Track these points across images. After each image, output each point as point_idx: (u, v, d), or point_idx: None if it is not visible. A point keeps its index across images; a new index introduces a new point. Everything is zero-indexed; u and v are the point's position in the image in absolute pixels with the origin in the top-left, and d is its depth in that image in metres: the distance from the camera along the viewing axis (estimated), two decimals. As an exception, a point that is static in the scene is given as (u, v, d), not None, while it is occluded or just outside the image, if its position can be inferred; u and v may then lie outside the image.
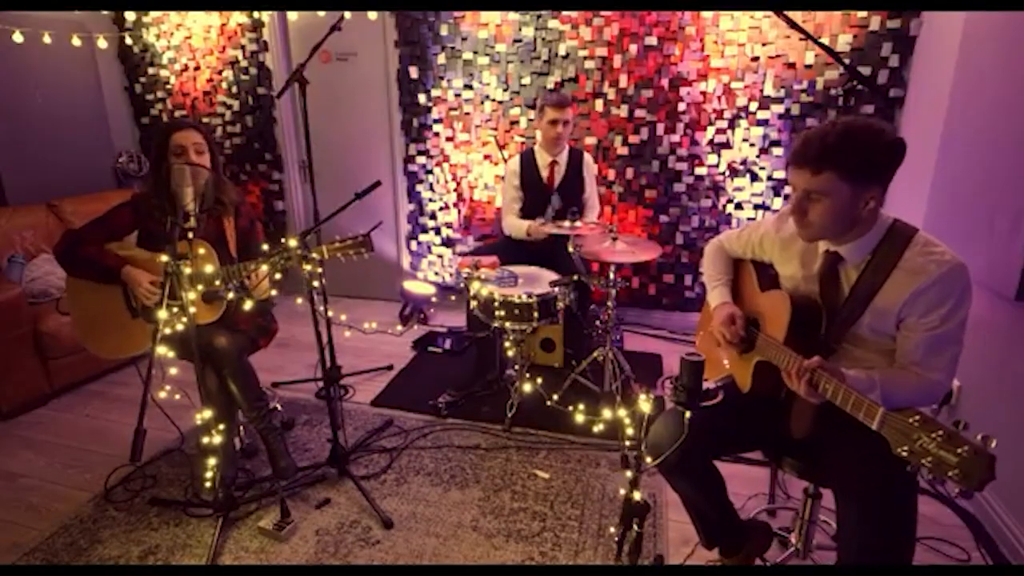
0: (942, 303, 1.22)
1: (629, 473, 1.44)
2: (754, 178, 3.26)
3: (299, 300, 2.20)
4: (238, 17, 3.76)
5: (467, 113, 3.61)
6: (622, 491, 1.48)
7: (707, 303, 1.71)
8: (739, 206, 3.33)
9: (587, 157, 2.99)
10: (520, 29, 3.35)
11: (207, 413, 1.80)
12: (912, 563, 1.22)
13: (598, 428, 2.39)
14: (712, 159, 3.29)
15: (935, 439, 0.94)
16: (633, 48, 3.22)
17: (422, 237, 3.98)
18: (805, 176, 1.25)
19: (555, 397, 2.58)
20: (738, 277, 1.70)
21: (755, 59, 3.08)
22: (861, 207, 1.26)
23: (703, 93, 3.20)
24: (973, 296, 1.25)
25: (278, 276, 2.04)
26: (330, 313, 2.26)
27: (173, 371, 2.14)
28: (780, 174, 3.21)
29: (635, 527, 1.48)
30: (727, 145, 3.25)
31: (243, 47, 3.82)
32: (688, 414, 1.25)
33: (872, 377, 1.25)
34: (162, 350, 1.78)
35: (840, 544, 1.27)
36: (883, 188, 1.26)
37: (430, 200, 3.87)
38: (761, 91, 3.12)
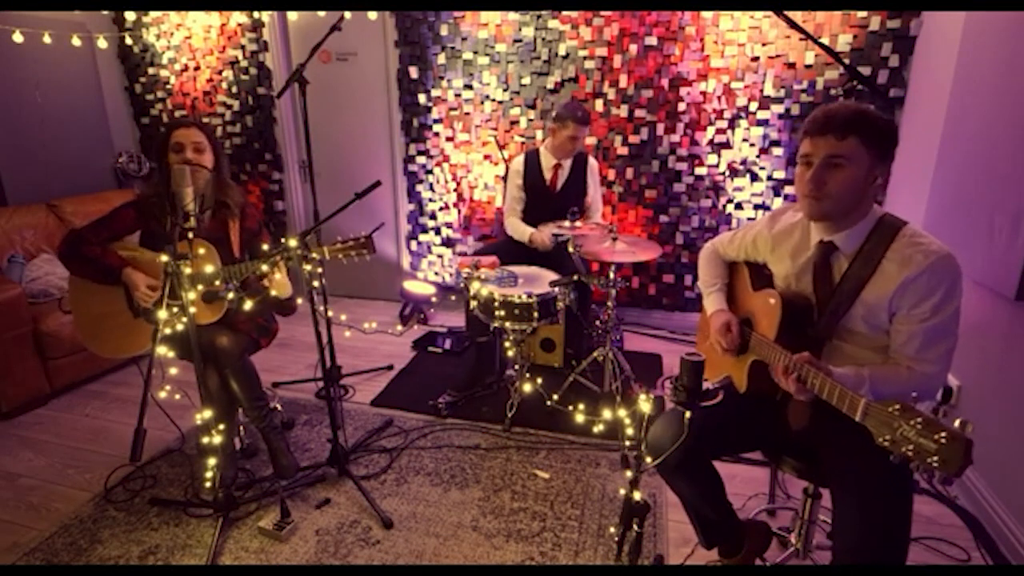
0: (932, 293, 1.23)
1: (629, 473, 1.44)
2: (754, 178, 3.26)
3: (299, 300, 2.20)
4: (238, 17, 3.76)
5: (467, 113, 3.61)
6: (622, 491, 1.48)
7: (703, 306, 1.72)
8: (739, 206, 3.33)
9: (591, 160, 2.99)
10: (520, 29, 3.35)
11: (207, 413, 1.80)
12: (906, 560, 1.22)
13: (598, 428, 2.40)
14: (712, 159, 3.29)
15: (914, 427, 0.95)
16: (633, 48, 3.22)
17: (422, 237, 3.98)
18: (829, 142, 1.25)
19: (555, 397, 2.58)
20: (732, 279, 1.71)
21: (755, 59, 3.08)
22: (871, 183, 1.28)
23: (703, 93, 3.20)
24: (972, 294, 1.26)
25: (278, 276, 2.04)
26: (330, 313, 2.26)
27: (173, 371, 2.15)
28: (780, 174, 3.21)
29: (635, 527, 1.48)
30: (727, 145, 3.25)
31: (243, 47, 3.82)
32: (688, 414, 1.25)
33: (861, 373, 1.26)
34: (162, 350, 1.78)
35: (836, 541, 1.27)
36: (888, 170, 1.28)
37: (430, 200, 3.87)
38: (761, 91, 3.12)
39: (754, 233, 1.58)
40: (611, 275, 2.55)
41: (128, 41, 4.03)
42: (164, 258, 1.62)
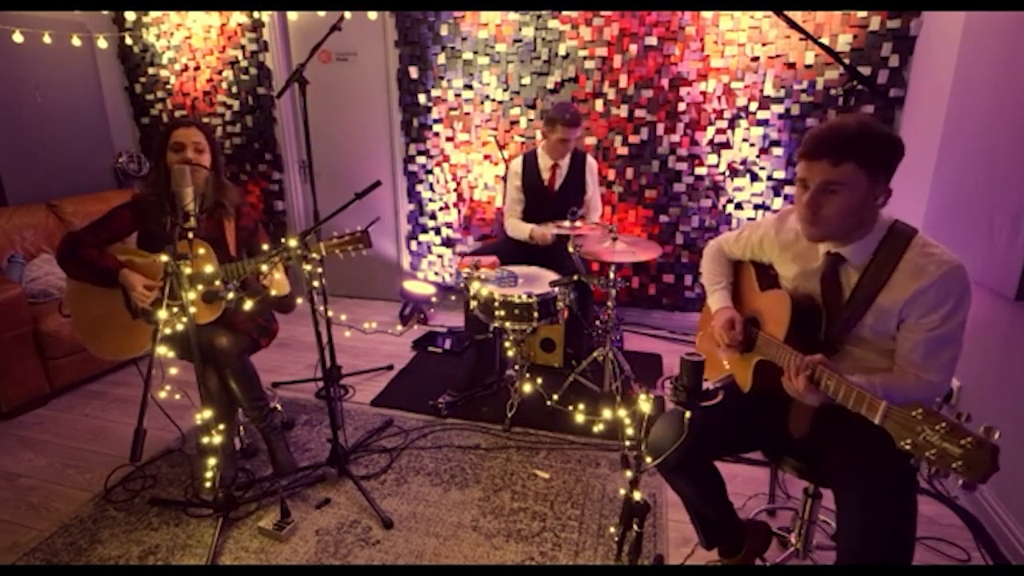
0: (942, 303, 1.22)
1: (629, 473, 1.44)
2: (754, 178, 3.26)
3: (299, 300, 2.20)
4: (238, 17, 3.76)
5: (467, 113, 3.61)
6: (622, 491, 1.48)
7: (707, 304, 1.71)
8: (739, 206, 3.33)
9: (590, 159, 2.99)
10: (520, 29, 3.35)
11: (207, 413, 1.80)
12: (912, 559, 1.22)
13: (598, 428, 2.39)
14: (712, 159, 3.29)
15: (938, 431, 0.94)
16: (633, 48, 3.22)
17: (422, 237, 3.98)
18: (823, 168, 1.23)
19: (555, 397, 2.58)
20: (738, 277, 1.70)
21: (755, 59, 3.08)
22: (871, 203, 1.26)
23: (703, 93, 3.20)
24: (973, 296, 1.25)
25: (278, 276, 2.04)
26: (330, 313, 2.26)
27: (173, 371, 2.14)
28: (780, 174, 3.21)
29: (635, 527, 1.48)
30: (727, 145, 3.25)
31: (243, 47, 3.82)
32: (688, 414, 1.25)
33: (873, 382, 1.25)
34: (162, 350, 1.78)
35: (840, 541, 1.27)
36: (889, 185, 1.27)
37: (430, 200, 3.87)
38: (761, 91, 3.12)
39: (760, 234, 1.57)
40: (611, 275, 2.55)
41: (128, 41, 4.03)
42: (164, 258, 1.62)
